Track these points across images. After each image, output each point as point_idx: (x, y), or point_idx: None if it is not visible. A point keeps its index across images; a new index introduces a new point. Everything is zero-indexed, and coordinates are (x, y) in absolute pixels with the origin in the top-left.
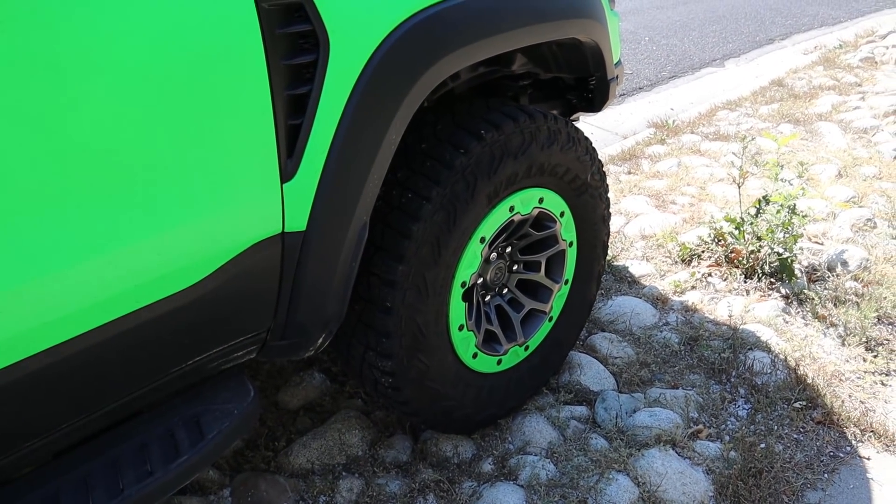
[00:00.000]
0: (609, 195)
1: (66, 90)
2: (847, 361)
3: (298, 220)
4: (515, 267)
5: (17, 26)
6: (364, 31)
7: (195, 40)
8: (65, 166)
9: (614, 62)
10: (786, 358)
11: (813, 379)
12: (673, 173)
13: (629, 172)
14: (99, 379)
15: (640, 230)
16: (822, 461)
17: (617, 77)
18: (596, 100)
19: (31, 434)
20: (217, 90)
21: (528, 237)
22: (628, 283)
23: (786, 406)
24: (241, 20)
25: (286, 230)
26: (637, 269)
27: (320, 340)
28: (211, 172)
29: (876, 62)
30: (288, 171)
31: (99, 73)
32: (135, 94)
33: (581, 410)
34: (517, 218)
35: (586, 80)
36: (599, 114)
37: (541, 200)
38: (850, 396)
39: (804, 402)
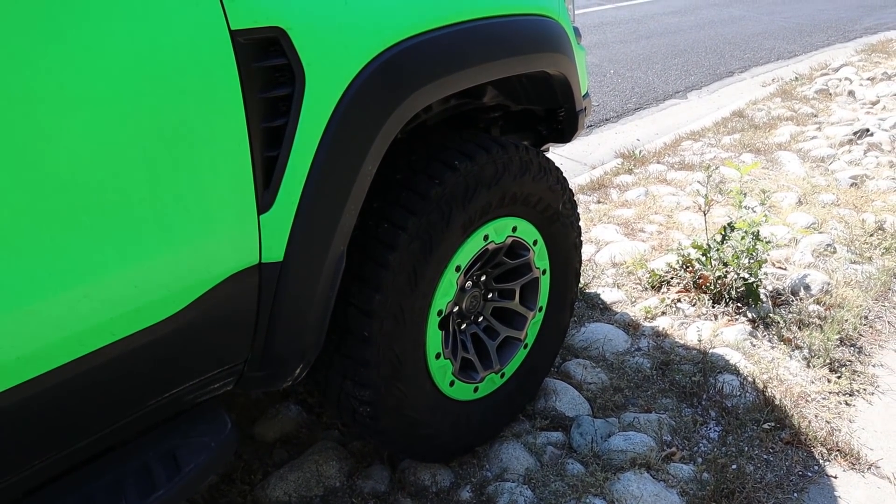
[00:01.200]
0: (580, 224)
1: (40, 123)
2: (812, 383)
3: (275, 251)
4: (490, 295)
5: None
6: (339, 65)
7: (170, 73)
8: (39, 199)
9: (582, 94)
10: (754, 380)
11: (780, 400)
12: (641, 202)
13: (599, 202)
14: (73, 414)
15: (611, 258)
16: (791, 481)
17: (585, 109)
18: (565, 131)
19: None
20: (193, 123)
21: (503, 265)
22: (600, 309)
23: (755, 427)
24: (216, 54)
25: (263, 261)
26: (608, 296)
27: (298, 371)
28: (188, 204)
29: (830, 94)
30: (265, 202)
31: (74, 106)
32: (110, 128)
33: (557, 436)
34: (491, 247)
35: (555, 111)
36: (569, 144)
37: (514, 229)
38: (816, 417)
39: (773, 423)
